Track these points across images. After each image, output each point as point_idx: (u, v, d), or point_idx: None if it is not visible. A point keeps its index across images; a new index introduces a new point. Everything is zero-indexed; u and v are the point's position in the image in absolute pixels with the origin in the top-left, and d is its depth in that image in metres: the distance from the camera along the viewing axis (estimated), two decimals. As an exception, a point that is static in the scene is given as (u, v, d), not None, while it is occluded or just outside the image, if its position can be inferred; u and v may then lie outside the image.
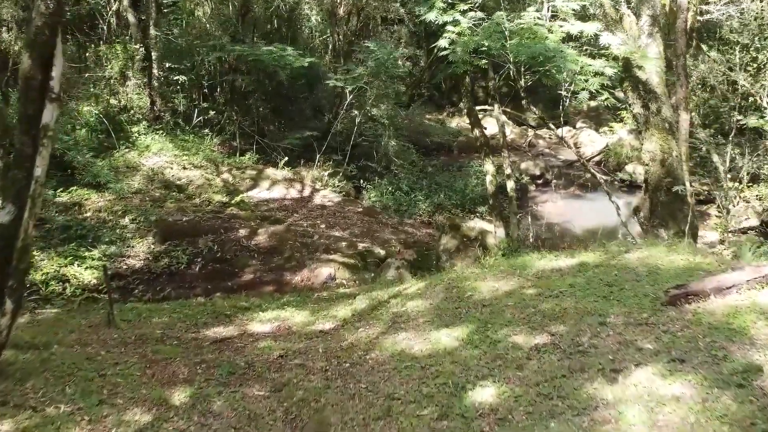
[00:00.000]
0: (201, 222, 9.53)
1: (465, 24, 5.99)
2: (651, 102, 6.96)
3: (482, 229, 7.90)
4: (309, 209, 10.53)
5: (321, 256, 8.72)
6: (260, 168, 11.89)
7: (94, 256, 8.50)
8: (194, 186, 10.65)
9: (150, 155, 11.11)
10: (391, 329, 5.32)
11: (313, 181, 12.04)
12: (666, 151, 6.99)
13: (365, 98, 13.47)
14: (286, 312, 6.12)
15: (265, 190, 11.07)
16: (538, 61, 6.05)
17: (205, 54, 11.97)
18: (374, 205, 12.45)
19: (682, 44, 7.69)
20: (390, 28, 25.70)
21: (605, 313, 4.75)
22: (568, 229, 12.93)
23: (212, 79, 12.74)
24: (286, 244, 9.02)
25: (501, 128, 7.70)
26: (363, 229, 9.76)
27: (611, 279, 5.37)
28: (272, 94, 14.81)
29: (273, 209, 10.35)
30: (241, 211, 9.99)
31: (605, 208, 15.07)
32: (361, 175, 14.69)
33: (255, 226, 9.43)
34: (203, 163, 11.33)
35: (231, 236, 9.23)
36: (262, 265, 8.64)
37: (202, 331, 5.61)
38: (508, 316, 5.03)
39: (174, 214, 9.67)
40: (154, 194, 10.11)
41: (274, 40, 14.39)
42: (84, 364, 4.59)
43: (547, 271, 5.92)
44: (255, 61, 11.74)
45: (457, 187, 13.58)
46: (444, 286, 6.08)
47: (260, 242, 9.09)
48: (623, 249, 6.23)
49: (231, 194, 10.62)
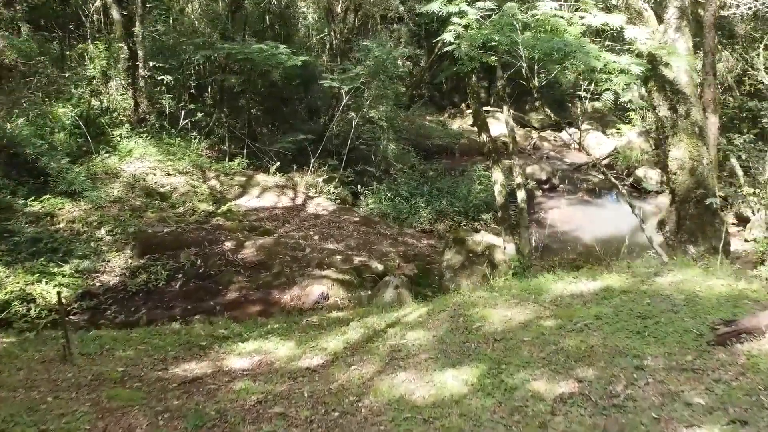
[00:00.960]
0: (183, 233, 8.80)
1: (473, 15, 5.28)
2: (679, 104, 6.24)
3: (490, 244, 7.17)
4: (301, 219, 9.79)
5: (313, 272, 7.98)
6: (250, 174, 11.15)
7: (64, 272, 7.78)
8: (178, 194, 9.92)
9: (132, 160, 10.38)
10: (389, 367, 4.58)
11: (307, 188, 11.31)
12: (696, 159, 6.26)
13: (363, 99, 12.74)
14: (270, 343, 5.38)
15: (255, 198, 10.33)
16: (556, 57, 5.33)
17: (192, 52, 11.23)
18: (372, 213, 11.73)
19: (710, 40, 6.96)
20: (389, 27, 25.04)
21: (641, 353, 4.02)
22: (578, 237, 12.20)
23: (200, 79, 12.00)
24: (275, 259, 8.29)
25: (511, 132, 6.97)
26: (359, 241, 9.02)
27: (643, 309, 4.64)
28: (265, 95, 14.10)
29: (262, 219, 9.62)
30: (227, 221, 9.25)
31: (615, 215, 14.36)
32: (359, 180, 14.00)
33: (242, 238, 8.70)
34: (189, 168, 10.60)
35: (215, 249, 8.51)
36: (248, 281, 7.91)
37: (171, 368, 4.87)
38: (525, 355, 4.29)
39: (155, 224, 8.94)
40: (134, 203, 9.38)
41: (267, 38, 13.69)
42: (23, 416, 3.86)
43: (567, 297, 5.19)
44: (245, 59, 11.02)
45: (460, 193, 12.86)
46: (449, 314, 5.35)
47: (247, 256, 8.36)
48: (652, 271, 5.50)
49: (218, 202, 9.89)
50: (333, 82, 11.36)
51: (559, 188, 15.72)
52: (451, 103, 25.28)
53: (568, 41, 5.05)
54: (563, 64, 5.31)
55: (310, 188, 11.29)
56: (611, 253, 10.51)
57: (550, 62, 5.57)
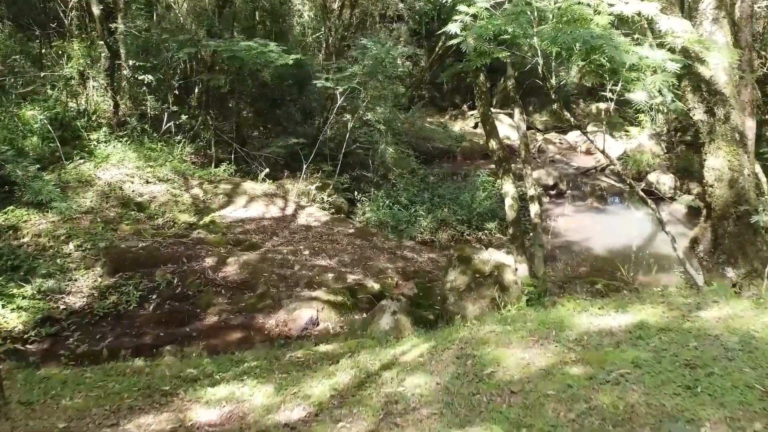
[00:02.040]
0: (160, 248, 8.01)
1: (482, 3, 4.50)
2: (717, 106, 5.45)
3: (498, 263, 6.38)
4: (291, 231, 8.99)
5: (302, 293, 7.19)
6: (237, 181, 10.35)
7: (25, 293, 7.01)
8: (157, 203, 9.12)
9: (108, 167, 9.58)
10: (384, 425, 3.79)
11: (299, 196, 10.51)
12: (736, 169, 5.47)
13: (359, 100, 11.95)
14: (244, 387, 4.59)
15: (241, 208, 9.53)
16: (578, 52, 4.54)
17: (175, 50, 10.43)
18: (369, 223, 10.94)
19: (746, 34, 6.20)
20: (389, 26, 24.31)
21: (695, 416, 3.23)
22: (589, 247, 11.42)
23: (185, 78, 11.20)
24: (261, 277, 7.50)
25: (523, 138, 6.17)
26: (354, 256, 8.23)
27: (690, 355, 3.85)
28: (256, 95, 13.31)
29: (249, 231, 8.82)
30: (210, 235, 8.46)
31: (626, 222, 13.58)
32: (356, 186, 13.23)
33: (225, 254, 7.90)
34: (171, 175, 9.79)
35: (195, 266, 7.72)
36: (229, 303, 7.12)
37: (123, 422, 4.08)
38: (549, 416, 3.50)
39: (129, 238, 8.15)
40: (108, 214, 8.59)
41: (259, 36, 12.91)
42: None
43: (594, 335, 4.40)
44: (232, 58, 10.22)
45: (463, 200, 12.07)
46: (454, 353, 4.56)
47: (229, 274, 7.57)
48: (693, 302, 4.71)
49: (200, 213, 9.09)
50: (327, 82, 10.56)
51: (567, 194, 14.95)
52: (452, 104, 24.55)
53: (595, 32, 4.26)
54: (588, 59, 4.53)
55: (301, 197, 10.49)
56: (629, 266, 9.73)
57: (570, 57, 4.79)
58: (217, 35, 11.14)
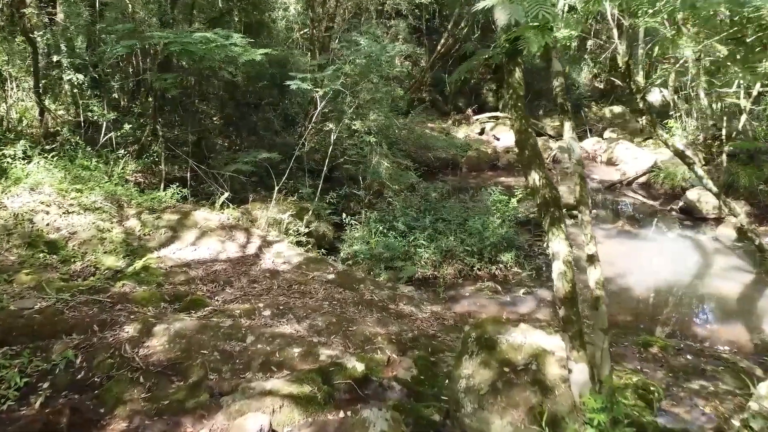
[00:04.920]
0: (65, 311, 5.86)
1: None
2: None
3: (536, 348, 4.28)
4: (251, 279, 6.84)
5: (252, 383, 5.04)
6: (187, 210, 8.17)
7: None
8: (77, 242, 6.96)
9: (19, 192, 7.43)
10: None
11: (268, 227, 8.36)
12: None
13: (346, 105, 9.83)
14: None
15: (189, 246, 7.38)
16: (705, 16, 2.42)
17: (112, 43, 8.29)
18: (356, 258, 8.81)
19: None
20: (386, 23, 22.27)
21: None
22: (630, 288, 9.25)
23: (126, 78, 9.06)
24: (197, 356, 5.37)
25: (577, 168, 4.00)
26: (332, 318, 6.08)
27: None
28: (225, 99, 11.18)
29: (193, 280, 6.66)
30: (138, 287, 6.31)
31: (665, 249, 11.43)
32: (345, 206, 11.15)
33: (153, 319, 5.76)
34: (101, 203, 7.64)
35: (109, 338, 5.57)
36: (147, 399, 4.97)
37: None
38: None
39: (26, 295, 6.02)
40: (4, 258, 6.45)
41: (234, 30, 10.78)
42: None
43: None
44: (183, 52, 8.08)
45: (473, 227, 9.93)
46: None
47: (154, 351, 5.42)
48: None
49: (132, 254, 6.94)
50: (303, 83, 8.41)
51: (593, 214, 12.82)
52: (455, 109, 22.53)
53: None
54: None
55: (271, 228, 8.33)
56: (688, 311, 7.57)
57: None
58: (170, 25, 9.01)
